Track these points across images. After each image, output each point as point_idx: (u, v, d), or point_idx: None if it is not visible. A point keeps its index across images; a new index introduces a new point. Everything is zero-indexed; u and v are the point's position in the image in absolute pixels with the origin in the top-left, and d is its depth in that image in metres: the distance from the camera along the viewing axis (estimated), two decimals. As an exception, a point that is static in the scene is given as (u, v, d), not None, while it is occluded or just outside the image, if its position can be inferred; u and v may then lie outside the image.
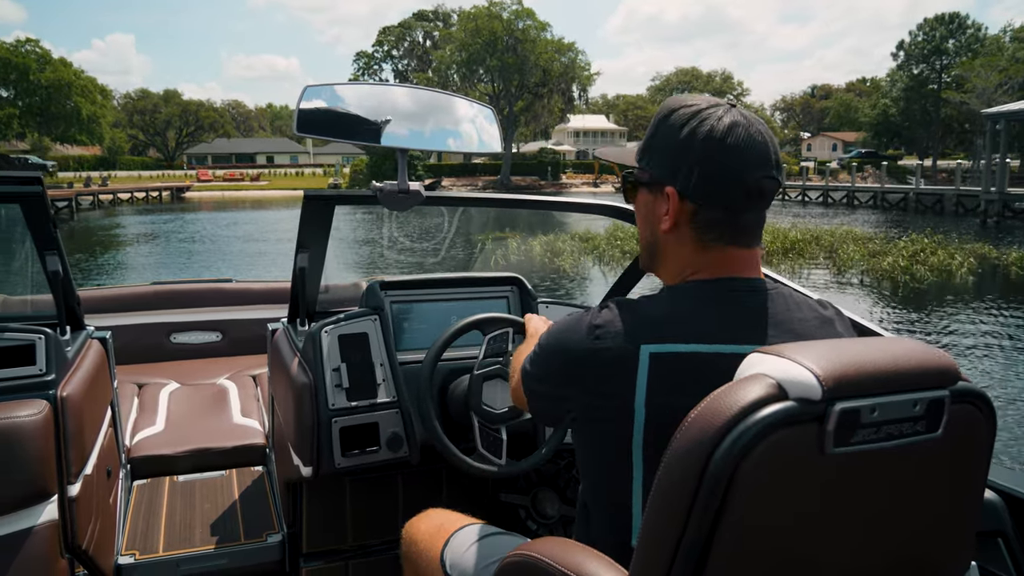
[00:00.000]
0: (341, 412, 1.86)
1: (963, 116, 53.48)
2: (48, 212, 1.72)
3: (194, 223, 29.56)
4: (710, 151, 1.02)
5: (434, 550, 1.46)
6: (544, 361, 1.13)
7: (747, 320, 1.03)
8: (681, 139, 1.04)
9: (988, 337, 9.91)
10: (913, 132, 59.20)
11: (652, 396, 0.98)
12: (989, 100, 49.09)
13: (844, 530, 0.80)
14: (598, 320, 1.04)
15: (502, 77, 52.27)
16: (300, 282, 2.01)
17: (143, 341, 3.46)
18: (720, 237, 1.05)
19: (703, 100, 1.07)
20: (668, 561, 0.75)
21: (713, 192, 1.03)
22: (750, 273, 1.08)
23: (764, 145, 1.03)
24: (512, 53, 51.61)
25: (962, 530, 0.90)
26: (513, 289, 2.19)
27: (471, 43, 51.94)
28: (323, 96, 1.67)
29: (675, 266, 1.10)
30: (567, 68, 53.80)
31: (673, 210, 1.06)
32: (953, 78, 55.20)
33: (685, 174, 1.03)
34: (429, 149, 1.83)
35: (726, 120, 1.03)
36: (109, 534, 2.03)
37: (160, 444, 2.60)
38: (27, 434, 1.57)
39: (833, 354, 0.77)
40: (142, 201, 44.51)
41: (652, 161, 1.09)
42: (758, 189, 1.03)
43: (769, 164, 1.03)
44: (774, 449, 0.73)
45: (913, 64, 58.28)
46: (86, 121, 52.42)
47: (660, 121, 1.08)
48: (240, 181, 59.42)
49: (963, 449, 0.85)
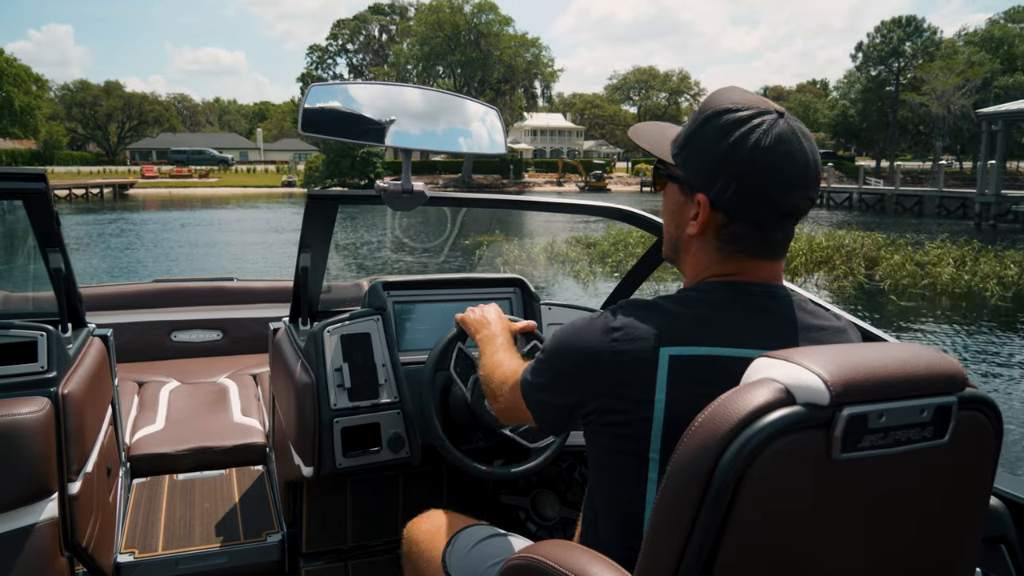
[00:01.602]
0: (343, 412, 1.86)
1: (918, 118, 53.77)
2: (51, 209, 1.70)
3: (139, 224, 27.37)
4: (750, 169, 0.98)
5: (435, 551, 1.46)
6: (554, 367, 1.10)
7: (766, 325, 1.03)
8: (723, 148, 0.99)
9: None
10: (871, 134, 59.48)
11: (671, 399, 0.97)
12: (947, 103, 49.25)
13: (850, 535, 0.80)
14: (616, 322, 1.02)
15: (464, 73, 50.48)
16: (302, 281, 2.00)
17: (144, 339, 3.43)
18: (744, 250, 1.04)
19: (753, 103, 1.01)
20: (674, 565, 0.75)
21: (746, 210, 1.01)
22: (771, 281, 1.06)
23: (805, 165, 1.00)
24: (475, 48, 49.84)
25: (967, 537, 0.90)
26: (516, 290, 2.19)
27: (432, 37, 50.03)
28: (328, 95, 1.66)
29: (696, 267, 1.09)
30: (531, 64, 52.27)
31: (703, 219, 1.03)
32: (909, 80, 55.55)
33: (721, 187, 1.00)
34: (434, 149, 1.81)
35: (772, 134, 0.98)
36: (109, 532, 2.03)
37: (160, 443, 2.58)
38: (28, 431, 1.57)
39: (841, 359, 0.77)
40: (81, 199, 42.52)
41: (688, 161, 1.05)
42: (793, 210, 1.01)
43: (808, 185, 1.00)
44: (781, 454, 0.73)
45: (871, 66, 58.61)
46: (19, 112, 48.99)
47: (705, 120, 1.02)
48: (188, 178, 56.39)
49: (970, 456, 0.85)
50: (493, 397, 1.31)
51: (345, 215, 19.41)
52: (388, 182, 1.69)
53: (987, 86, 50.82)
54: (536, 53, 53.85)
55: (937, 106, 49.64)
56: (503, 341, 1.46)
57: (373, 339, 1.95)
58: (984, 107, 33.72)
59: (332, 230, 1.90)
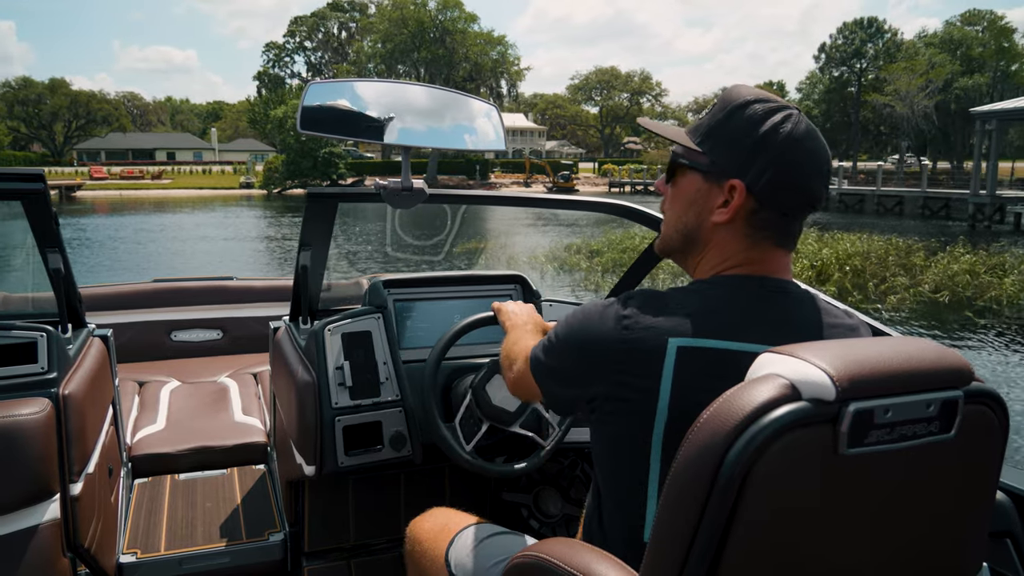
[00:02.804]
0: (344, 411, 1.87)
1: (879, 119, 54.03)
2: (50, 209, 1.70)
3: (87, 229, 25.05)
4: (789, 154, 1.02)
5: (438, 550, 1.46)
6: (563, 351, 1.11)
7: (777, 320, 1.03)
8: (758, 135, 1.02)
9: None
10: (834, 134, 59.73)
11: (676, 390, 0.98)
12: (911, 103, 49.45)
13: (856, 531, 0.80)
14: (627, 311, 1.03)
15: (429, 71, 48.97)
16: (302, 280, 2.01)
17: (144, 339, 3.41)
18: (770, 237, 1.06)
19: (776, 99, 1.05)
20: (680, 562, 0.76)
21: (780, 195, 1.03)
22: (782, 274, 1.08)
23: (827, 157, 1.05)
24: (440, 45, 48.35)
25: (974, 531, 0.91)
26: (516, 287, 2.20)
27: (396, 34, 48.35)
28: (327, 93, 1.66)
29: (716, 258, 1.09)
30: (496, 63, 51.03)
31: (736, 204, 1.04)
32: (870, 82, 55.84)
33: (758, 171, 1.02)
34: (433, 147, 1.83)
35: (803, 126, 1.03)
36: (111, 533, 2.04)
37: (161, 442, 2.57)
38: (29, 432, 1.57)
39: (846, 354, 0.77)
40: (24, 202, 38.80)
41: (718, 148, 1.06)
42: (817, 198, 1.05)
43: (828, 176, 1.06)
44: (787, 450, 0.73)
45: (833, 67, 58.79)
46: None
47: (733, 110, 1.05)
48: (140, 179, 53.89)
49: (976, 450, 0.85)
50: (507, 369, 1.34)
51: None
52: (388, 180, 1.69)
53: (948, 87, 51.30)
54: (502, 51, 52.78)
55: (902, 106, 49.85)
56: (531, 327, 1.46)
57: (374, 337, 1.95)
58: (945, 108, 33.62)
59: (332, 228, 1.90)
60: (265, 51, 72.69)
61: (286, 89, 66.41)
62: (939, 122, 51.97)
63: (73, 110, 67.83)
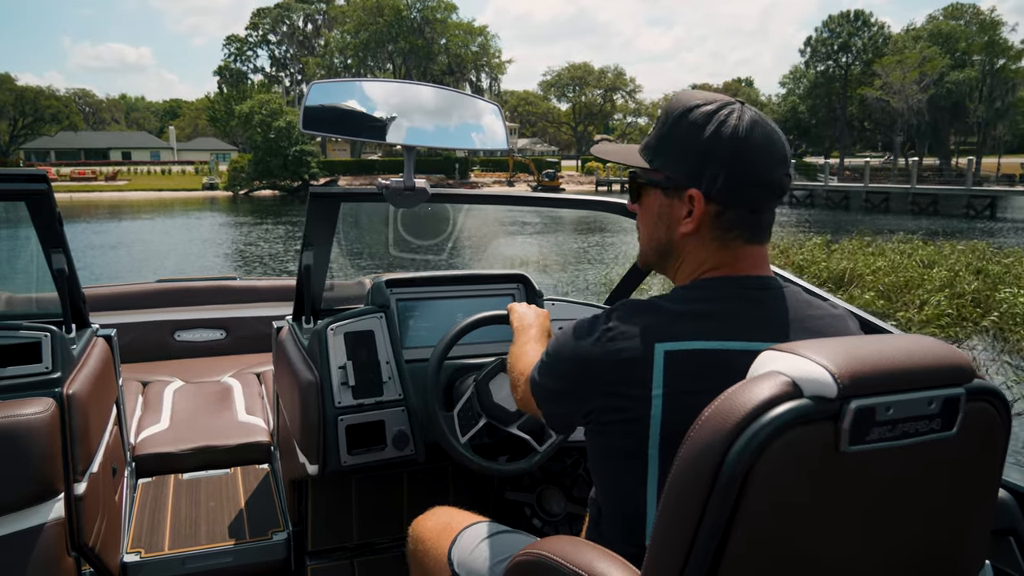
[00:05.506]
0: (347, 410, 1.87)
1: (866, 114, 52.26)
2: (54, 210, 1.73)
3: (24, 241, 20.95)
4: (737, 153, 1.03)
5: (441, 548, 1.48)
6: (555, 369, 1.15)
7: (762, 317, 1.06)
8: (703, 140, 1.03)
9: None
10: (821, 130, 57.88)
11: (668, 395, 1.00)
12: (906, 97, 47.53)
13: (857, 528, 0.81)
14: (610, 322, 1.06)
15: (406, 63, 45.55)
16: (305, 279, 2.03)
17: (147, 339, 3.41)
18: (740, 236, 1.08)
19: (715, 98, 1.07)
20: (682, 560, 0.76)
21: (739, 194, 1.05)
22: (761, 270, 1.11)
23: (781, 142, 1.06)
24: (419, 35, 44.92)
25: (977, 529, 0.91)
26: (519, 287, 2.21)
27: (371, 23, 44.78)
28: (329, 93, 1.67)
29: (691, 266, 1.12)
30: (477, 55, 47.80)
31: (698, 213, 1.06)
32: (857, 76, 54.00)
33: (711, 177, 1.04)
34: (436, 146, 1.83)
35: (746, 119, 1.04)
36: (115, 532, 2.05)
37: (165, 442, 2.58)
38: (34, 432, 1.59)
39: (848, 351, 0.77)
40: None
41: (669, 163, 1.09)
42: (780, 186, 1.06)
43: (786, 161, 1.07)
44: (789, 447, 0.73)
45: (819, 61, 56.94)
46: None
47: (675, 121, 1.07)
48: (93, 181, 49.99)
49: (978, 448, 0.86)
50: (513, 386, 1.37)
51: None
52: (391, 180, 1.71)
53: (940, 81, 49.73)
54: (483, 43, 49.66)
55: (897, 100, 48.06)
56: (536, 332, 1.48)
57: (377, 336, 1.96)
58: (936, 102, 32.09)
59: (335, 228, 1.92)
60: (226, 45, 69.42)
61: (249, 85, 62.68)
62: (929, 117, 50.47)
63: (19, 107, 64.81)
